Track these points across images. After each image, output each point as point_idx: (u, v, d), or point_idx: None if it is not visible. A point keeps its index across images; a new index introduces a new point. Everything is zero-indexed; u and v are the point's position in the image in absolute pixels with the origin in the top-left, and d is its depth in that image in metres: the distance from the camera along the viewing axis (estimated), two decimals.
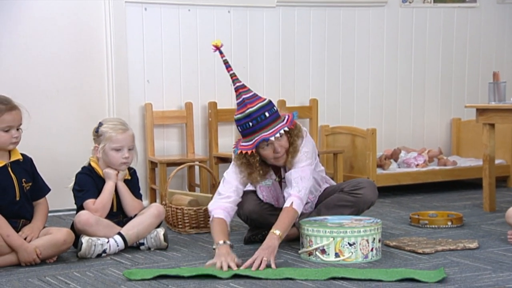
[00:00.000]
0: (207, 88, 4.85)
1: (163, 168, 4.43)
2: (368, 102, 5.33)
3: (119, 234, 3.25)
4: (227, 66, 3.12)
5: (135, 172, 3.48)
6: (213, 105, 4.80)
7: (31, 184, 3.14)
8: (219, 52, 3.15)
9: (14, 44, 4.37)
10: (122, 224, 3.31)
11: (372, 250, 3.01)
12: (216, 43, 3.16)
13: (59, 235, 3.08)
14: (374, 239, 3.02)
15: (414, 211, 4.11)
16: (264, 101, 3.09)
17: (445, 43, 5.51)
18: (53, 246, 3.05)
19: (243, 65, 4.94)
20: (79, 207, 3.31)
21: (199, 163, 4.22)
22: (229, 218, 3.14)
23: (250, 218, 3.36)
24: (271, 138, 3.05)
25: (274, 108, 3.10)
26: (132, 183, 3.43)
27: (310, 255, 3.04)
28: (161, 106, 4.73)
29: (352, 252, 2.97)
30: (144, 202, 3.80)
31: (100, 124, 3.35)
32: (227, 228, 3.09)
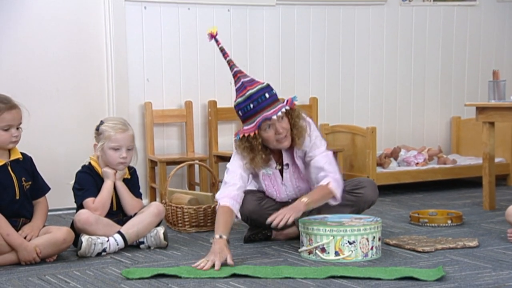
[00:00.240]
0: (206, 87, 4.85)
1: (163, 167, 4.43)
2: (368, 101, 5.33)
3: (119, 233, 3.25)
4: (224, 53, 3.18)
5: (135, 171, 3.48)
6: (212, 103, 4.80)
7: (31, 183, 3.14)
8: (215, 40, 3.18)
9: (14, 43, 4.37)
10: (122, 223, 3.31)
11: (372, 248, 3.01)
12: (211, 30, 3.18)
13: (59, 234, 3.08)
14: (374, 237, 3.02)
15: (414, 210, 4.11)
16: (263, 83, 3.16)
17: (445, 41, 5.51)
18: (53, 245, 3.05)
19: (243, 63, 4.92)
20: (79, 206, 3.31)
21: (199, 161, 4.21)
22: (237, 206, 3.14)
23: (250, 218, 3.36)
24: (273, 117, 3.09)
25: (273, 91, 3.16)
26: (132, 182, 3.43)
27: (310, 254, 3.04)
28: (161, 104, 4.73)
29: (352, 251, 2.97)
30: (144, 201, 3.81)
31: (101, 122, 3.36)
32: (231, 218, 3.08)
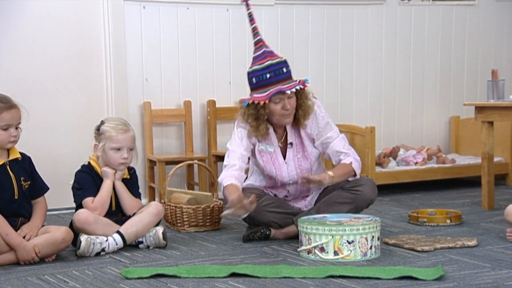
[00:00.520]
0: (205, 87, 4.85)
1: (162, 166, 4.43)
2: (367, 100, 5.33)
3: (118, 232, 3.25)
4: (251, 19, 3.31)
5: (135, 172, 3.47)
6: (211, 103, 4.80)
7: (29, 182, 3.14)
8: (246, 4, 3.32)
9: (13, 42, 4.36)
10: (121, 222, 3.31)
11: (371, 248, 3.01)
12: None
13: (58, 233, 3.08)
14: (373, 237, 3.02)
15: (413, 209, 4.11)
16: (282, 58, 3.25)
17: (443, 41, 5.51)
18: (51, 244, 3.05)
19: (241, 63, 4.93)
20: (78, 205, 3.31)
21: (198, 161, 4.21)
22: (239, 184, 3.24)
23: (248, 216, 3.36)
24: (286, 92, 3.18)
25: (289, 67, 3.25)
26: (131, 182, 3.43)
27: (309, 253, 3.04)
28: (159, 104, 4.73)
29: (351, 250, 2.97)
30: (143, 200, 3.81)
31: (102, 122, 3.35)
32: (239, 189, 3.18)
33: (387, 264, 2.92)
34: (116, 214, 3.35)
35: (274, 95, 3.19)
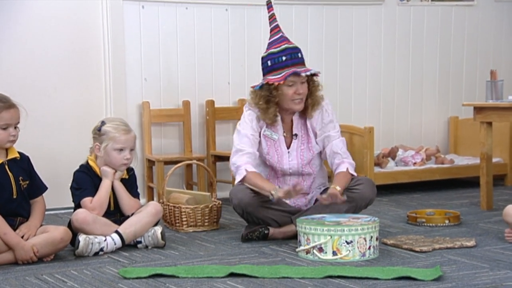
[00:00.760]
0: (204, 87, 4.85)
1: (160, 166, 4.43)
2: (366, 100, 5.33)
3: (117, 232, 3.24)
4: (269, 6, 3.44)
5: (134, 172, 3.47)
6: (210, 103, 4.80)
7: (28, 182, 3.14)
8: None
9: (12, 42, 4.36)
10: (119, 222, 3.30)
11: (369, 248, 3.01)
12: None
13: (56, 233, 3.07)
14: (372, 237, 3.02)
15: (412, 210, 4.12)
16: (297, 45, 3.38)
17: (442, 41, 5.51)
18: (50, 244, 3.05)
19: (240, 63, 4.94)
20: (77, 205, 3.31)
21: (197, 161, 4.21)
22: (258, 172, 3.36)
23: (246, 211, 3.36)
24: (302, 74, 3.28)
25: (303, 55, 3.36)
26: (130, 182, 3.43)
27: (307, 253, 3.04)
28: (158, 104, 4.73)
29: (349, 250, 2.97)
30: (142, 200, 3.81)
31: (103, 123, 3.34)
32: (265, 179, 3.34)
33: (386, 264, 2.92)
34: (115, 214, 3.35)
35: (289, 76, 3.27)
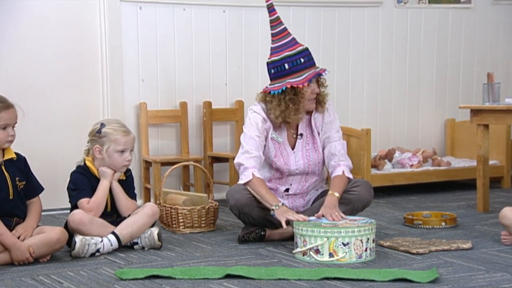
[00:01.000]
0: (201, 88, 4.84)
1: (157, 167, 4.43)
2: (363, 102, 5.33)
3: (113, 233, 3.24)
4: (272, 10, 3.45)
5: (131, 173, 3.47)
6: (207, 104, 4.80)
7: (24, 183, 3.13)
8: None
9: (10, 43, 4.35)
10: (116, 223, 3.30)
11: (366, 250, 3.02)
12: None
13: (53, 234, 3.07)
14: (368, 239, 3.03)
15: (408, 212, 4.12)
16: (307, 46, 3.42)
17: (439, 43, 5.52)
18: (46, 245, 3.04)
19: (238, 64, 4.94)
20: (73, 206, 3.31)
21: (194, 162, 4.21)
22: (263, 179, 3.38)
23: (242, 212, 3.36)
24: (323, 74, 3.35)
25: None
26: (127, 183, 3.42)
27: (304, 255, 3.04)
28: (155, 105, 4.72)
29: (346, 252, 2.97)
30: (138, 201, 3.80)
31: (102, 125, 3.32)
32: (269, 189, 3.36)
33: (382, 266, 2.92)
34: (111, 215, 3.34)
35: (314, 77, 3.33)
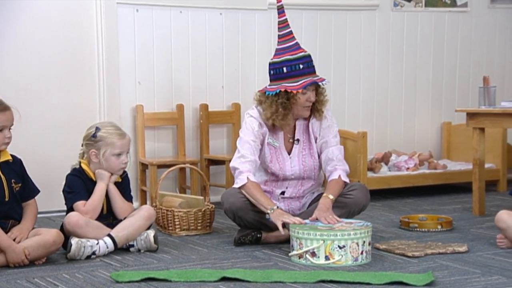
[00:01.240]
0: (198, 90, 4.85)
1: (154, 170, 4.42)
2: (359, 105, 5.34)
3: (109, 235, 3.24)
4: (281, 12, 3.42)
5: (127, 175, 3.47)
6: (204, 107, 4.80)
7: (20, 185, 3.13)
8: None
9: (6, 44, 4.35)
10: (112, 226, 3.30)
11: (362, 253, 3.02)
12: None
13: (48, 236, 3.07)
14: (364, 242, 3.03)
15: (404, 215, 4.12)
16: (310, 53, 3.40)
17: (436, 47, 5.53)
18: (42, 247, 3.04)
19: (234, 67, 4.94)
20: (69, 209, 3.30)
21: (190, 165, 4.21)
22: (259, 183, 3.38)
23: (237, 216, 3.37)
24: (320, 83, 3.32)
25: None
26: (123, 186, 3.42)
27: (300, 258, 3.04)
28: (152, 107, 4.72)
29: (342, 255, 2.98)
30: (135, 203, 3.80)
31: (98, 129, 3.31)
32: (264, 192, 3.35)
33: (378, 269, 2.93)
34: (107, 217, 3.34)
35: (309, 85, 3.30)
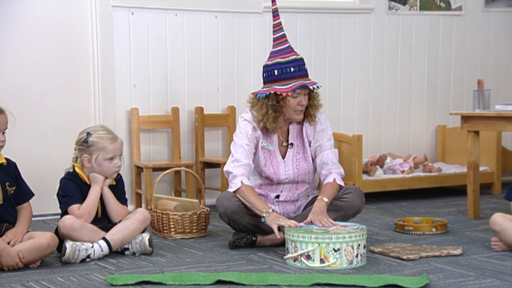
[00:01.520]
0: (193, 93, 4.84)
1: (149, 173, 4.42)
2: (354, 108, 5.35)
3: (104, 239, 3.23)
4: (275, 15, 3.44)
5: (121, 178, 3.46)
6: (199, 110, 4.80)
7: (15, 188, 3.12)
8: (272, 0, 3.45)
9: (0, 47, 4.34)
10: (106, 229, 3.29)
11: (357, 256, 3.02)
12: None
13: (43, 239, 3.06)
14: (359, 245, 3.03)
15: (399, 218, 4.13)
16: (302, 57, 3.41)
17: (430, 50, 5.54)
18: (36, 250, 3.03)
19: (230, 70, 4.94)
20: (64, 213, 3.29)
21: (185, 168, 4.21)
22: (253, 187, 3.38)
23: (232, 219, 3.37)
24: (310, 87, 3.32)
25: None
26: (118, 189, 3.41)
27: (295, 261, 3.05)
28: (147, 110, 4.72)
29: (337, 258, 2.98)
30: (130, 207, 3.80)
31: (89, 134, 3.30)
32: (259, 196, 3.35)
33: (373, 272, 2.93)
34: (102, 220, 3.33)
35: (298, 88, 3.29)
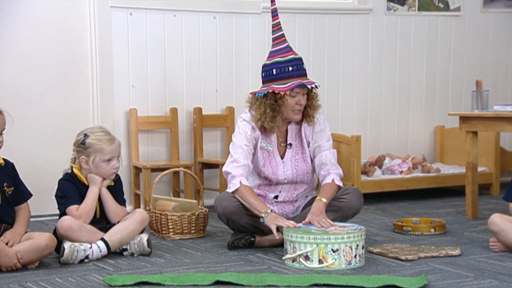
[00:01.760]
0: (192, 94, 4.84)
1: (147, 173, 4.42)
2: (353, 109, 5.35)
3: (102, 239, 3.23)
4: (275, 15, 3.44)
5: (119, 179, 3.46)
6: (198, 110, 4.80)
7: (13, 189, 3.12)
8: (271, 0, 3.46)
9: None
10: (105, 230, 3.29)
11: (355, 256, 3.02)
12: None
13: (41, 239, 3.06)
14: (358, 245, 3.03)
15: (398, 218, 4.13)
16: (301, 56, 3.41)
17: (429, 51, 5.55)
18: (34, 251, 3.03)
19: (228, 70, 4.94)
20: (62, 214, 3.29)
21: (184, 168, 4.21)
22: (252, 187, 3.38)
23: (230, 220, 3.37)
24: (307, 86, 3.32)
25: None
26: (116, 189, 3.41)
27: (293, 262, 3.05)
28: (146, 111, 4.72)
29: (335, 259, 2.98)
30: (128, 207, 3.79)
31: (86, 135, 3.30)
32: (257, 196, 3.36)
33: (371, 272, 2.93)
34: (100, 221, 3.33)
35: (296, 87, 3.30)
